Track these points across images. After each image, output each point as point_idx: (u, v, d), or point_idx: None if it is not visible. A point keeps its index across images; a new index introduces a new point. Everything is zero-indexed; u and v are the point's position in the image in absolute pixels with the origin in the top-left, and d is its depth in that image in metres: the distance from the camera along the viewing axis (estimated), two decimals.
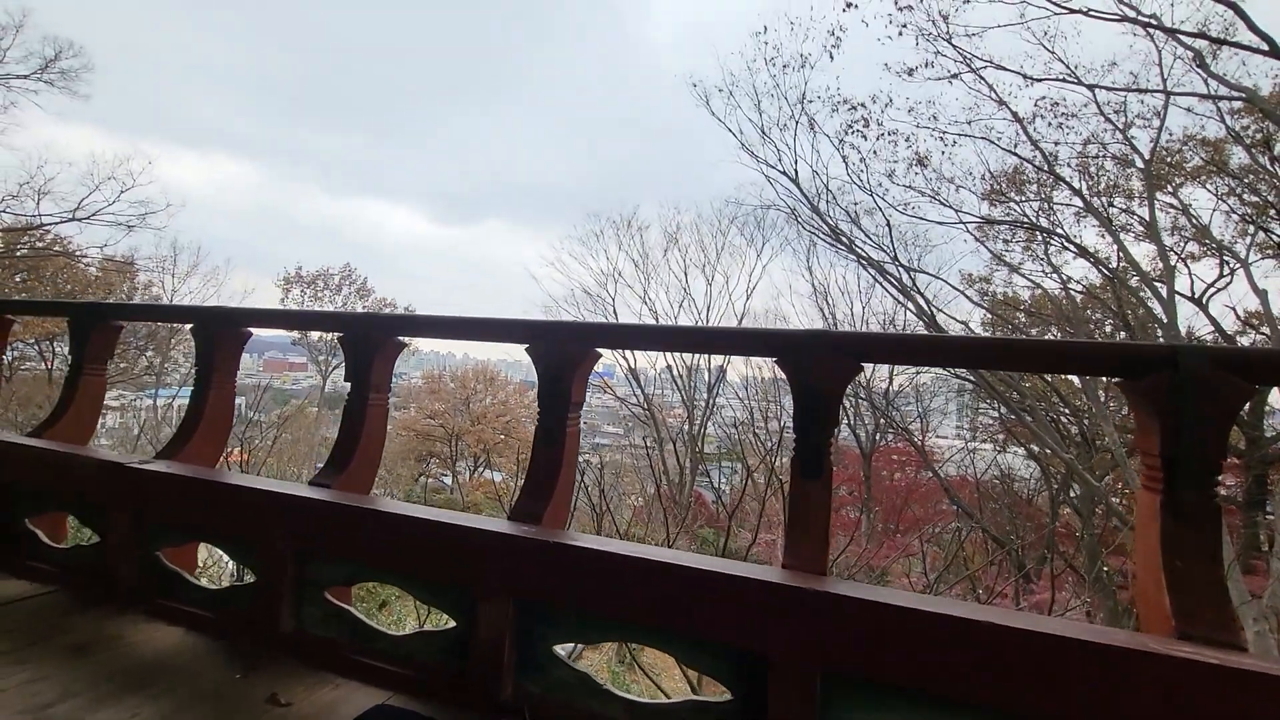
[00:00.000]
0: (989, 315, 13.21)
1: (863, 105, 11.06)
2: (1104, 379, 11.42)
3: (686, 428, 17.89)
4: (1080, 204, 10.77)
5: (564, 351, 1.90)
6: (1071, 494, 11.26)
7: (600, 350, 1.93)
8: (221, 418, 2.47)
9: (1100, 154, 10.78)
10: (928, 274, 11.83)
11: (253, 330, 2.54)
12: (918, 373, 15.34)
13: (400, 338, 2.21)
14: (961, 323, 11.82)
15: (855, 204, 11.78)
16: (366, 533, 1.89)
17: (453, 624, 1.76)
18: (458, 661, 1.72)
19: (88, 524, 2.35)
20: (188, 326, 2.57)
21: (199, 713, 1.57)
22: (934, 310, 11.06)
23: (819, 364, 1.60)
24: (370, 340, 2.17)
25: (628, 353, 18.21)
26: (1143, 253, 10.95)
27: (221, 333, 2.46)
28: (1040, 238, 11.47)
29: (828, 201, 11.61)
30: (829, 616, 1.37)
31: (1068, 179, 10.57)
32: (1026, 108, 10.33)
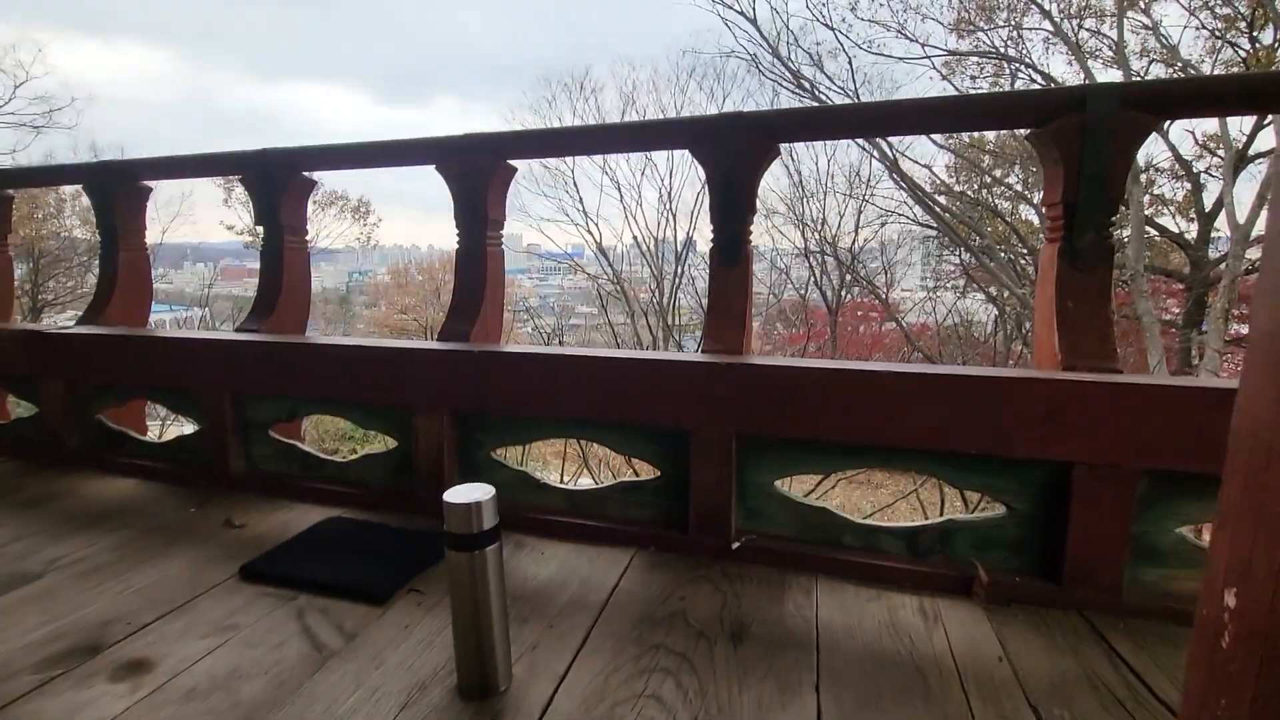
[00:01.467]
0: (954, 159, 12.95)
1: None
2: None
3: (657, 300, 17.87)
4: (1050, 29, 10.21)
5: (476, 167, 1.79)
6: (1024, 330, 11.74)
7: (514, 164, 1.84)
8: (137, 278, 2.36)
9: None
10: None
11: (150, 184, 2.36)
12: (884, 224, 15.27)
13: (307, 174, 2.07)
14: (925, 166, 11.61)
15: (818, 44, 11.02)
16: (301, 368, 1.88)
17: (395, 444, 1.82)
18: (403, 477, 1.79)
19: (21, 396, 2.31)
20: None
21: (155, 539, 1.64)
22: (896, 155, 10.78)
23: (735, 148, 1.54)
24: (271, 178, 2.04)
25: (594, 228, 17.72)
26: (1111, 80, 10.58)
27: (118, 189, 2.28)
28: (1008, 70, 10.98)
29: (789, 44, 10.82)
30: (741, 386, 1.42)
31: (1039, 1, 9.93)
32: None
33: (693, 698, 1.03)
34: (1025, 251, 12.45)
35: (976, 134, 13.11)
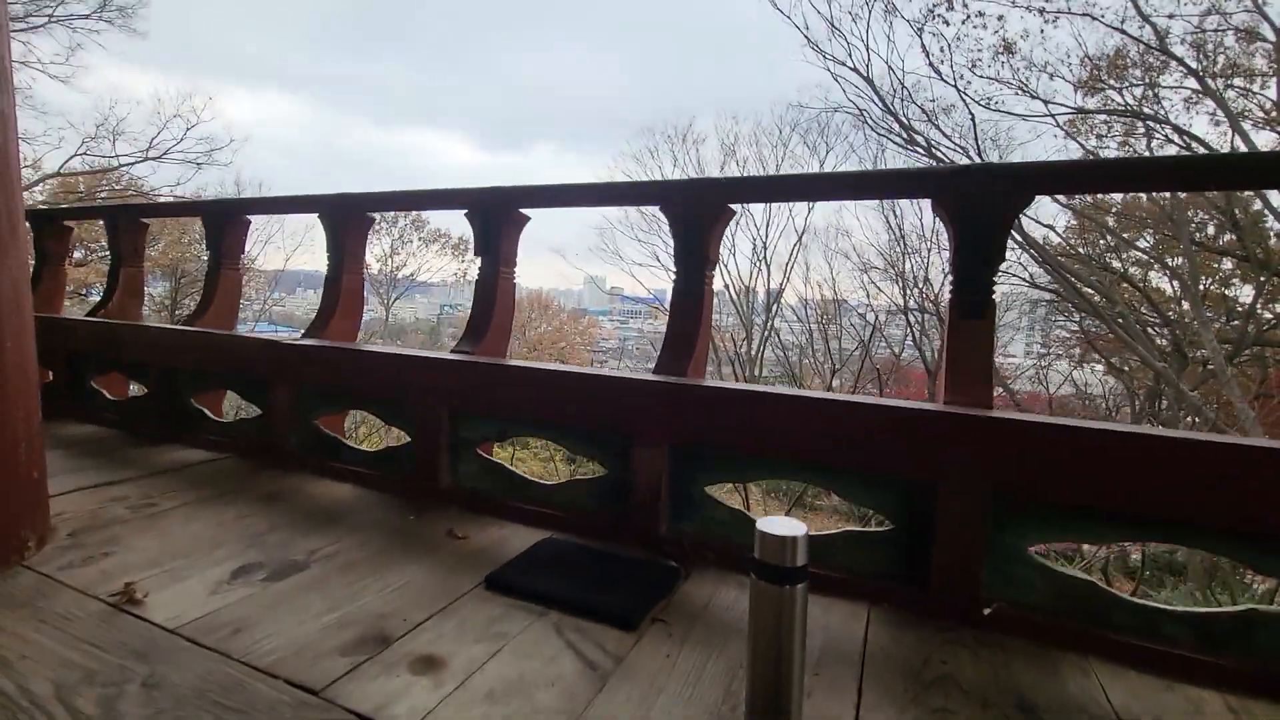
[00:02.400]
0: (1074, 221, 12.32)
1: None
2: (1201, 286, 10.65)
3: (745, 350, 17.77)
4: (1193, 87, 9.69)
5: (699, 209, 1.87)
6: (1159, 407, 10.75)
7: (734, 207, 1.90)
8: (355, 298, 2.60)
9: (1220, 28, 9.56)
10: None
11: (374, 215, 2.62)
12: None
13: (523, 210, 2.23)
14: (1047, 225, 11.12)
15: (932, 100, 10.93)
16: (514, 390, 1.99)
17: (604, 471, 1.87)
18: (612, 504, 1.83)
19: (249, 399, 2.56)
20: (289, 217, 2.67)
21: (389, 541, 1.75)
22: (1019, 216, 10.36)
23: (982, 197, 1.53)
24: (495, 214, 2.21)
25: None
26: (1264, 141, 9.84)
27: (348, 219, 2.55)
28: (1142, 128, 10.44)
29: (903, 99, 10.80)
30: (997, 442, 1.38)
31: (1181, 57, 9.47)
32: None
33: None
34: (1156, 320, 11.54)
35: (1101, 194, 12.45)
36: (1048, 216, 11.76)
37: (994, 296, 1.55)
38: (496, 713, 1.06)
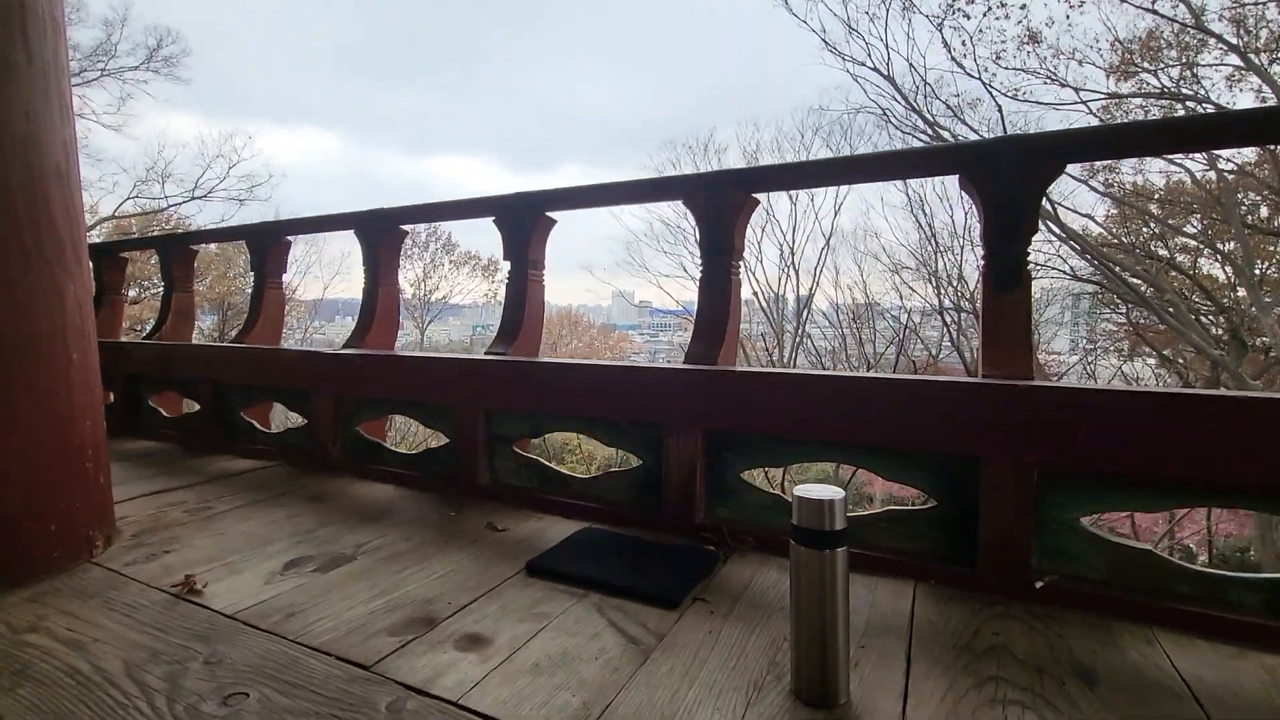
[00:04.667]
0: (1114, 210, 11.92)
1: None
2: (1257, 271, 10.16)
3: (776, 357, 17.61)
4: (1234, 64, 9.34)
5: (723, 200, 1.89)
6: None
7: (758, 197, 1.91)
8: (391, 310, 2.68)
9: (1261, 0, 9.21)
10: None
11: (407, 229, 2.71)
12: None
13: (550, 213, 2.28)
14: (1085, 215, 10.80)
15: (957, 95, 10.79)
16: (546, 387, 2.02)
17: (639, 462, 1.88)
18: (649, 495, 1.84)
19: (294, 409, 2.66)
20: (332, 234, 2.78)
21: (432, 534, 1.78)
22: (1055, 206, 10.09)
23: (1012, 170, 1.51)
24: (522, 218, 2.26)
25: None
26: None
27: (382, 233, 2.64)
28: (1182, 110, 10.08)
29: (926, 96, 10.69)
30: (1040, 412, 1.34)
31: (1219, 34, 9.15)
32: None
33: None
34: (1209, 308, 11.04)
35: (1143, 179, 12.05)
36: (1086, 206, 11.44)
37: (1028, 267, 1.52)
38: (542, 683, 1.07)
